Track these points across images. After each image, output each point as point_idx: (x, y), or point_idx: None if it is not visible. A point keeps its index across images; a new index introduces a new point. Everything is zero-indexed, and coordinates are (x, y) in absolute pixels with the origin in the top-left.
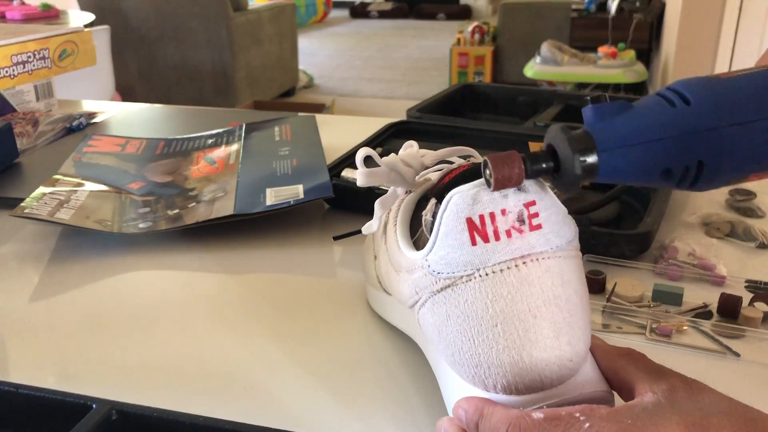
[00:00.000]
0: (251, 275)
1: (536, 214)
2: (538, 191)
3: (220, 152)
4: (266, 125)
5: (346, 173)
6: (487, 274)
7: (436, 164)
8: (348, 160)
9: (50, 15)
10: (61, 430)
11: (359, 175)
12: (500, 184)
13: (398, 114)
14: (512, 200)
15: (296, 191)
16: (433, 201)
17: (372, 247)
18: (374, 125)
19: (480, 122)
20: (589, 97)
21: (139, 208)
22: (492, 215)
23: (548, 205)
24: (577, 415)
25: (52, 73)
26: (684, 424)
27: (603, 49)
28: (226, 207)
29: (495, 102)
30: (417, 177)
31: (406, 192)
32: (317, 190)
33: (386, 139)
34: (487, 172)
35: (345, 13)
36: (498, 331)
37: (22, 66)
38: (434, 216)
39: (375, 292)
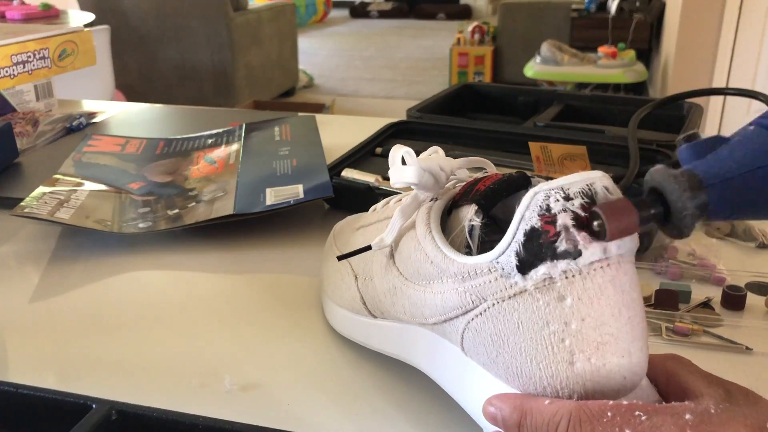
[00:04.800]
0: (251, 275)
1: None
2: (618, 191)
3: (220, 152)
4: (266, 125)
5: (346, 173)
6: (573, 276)
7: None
8: (348, 159)
9: (50, 15)
10: (61, 430)
11: (395, 175)
12: (615, 235)
13: (398, 114)
14: (601, 202)
15: (296, 191)
16: (474, 207)
17: (347, 266)
18: (374, 125)
19: (480, 122)
20: (682, 137)
21: (139, 208)
22: (578, 215)
23: None
24: (638, 413)
25: (52, 72)
26: (750, 427)
27: (603, 49)
28: (225, 207)
29: (495, 102)
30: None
31: (432, 200)
32: (317, 190)
33: (386, 139)
34: (596, 222)
35: (345, 13)
36: (581, 336)
37: (22, 66)
38: (477, 221)
39: (350, 315)
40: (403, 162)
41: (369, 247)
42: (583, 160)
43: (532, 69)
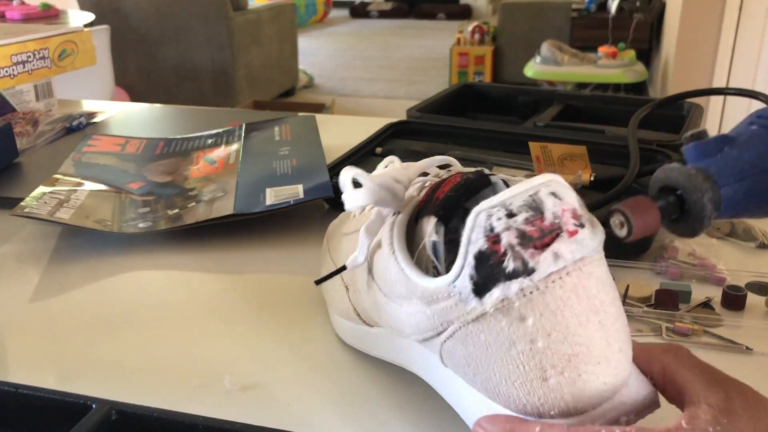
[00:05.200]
0: (251, 275)
1: (574, 218)
2: (568, 193)
3: (219, 152)
4: (266, 125)
5: None
6: (531, 292)
7: (417, 176)
8: (348, 160)
9: (50, 15)
10: (61, 430)
11: (348, 199)
12: (640, 233)
13: (398, 114)
14: (549, 211)
15: (296, 191)
16: (433, 220)
17: (338, 277)
18: (374, 125)
19: (480, 122)
20: (689, 134)
21: (139, 207)
22: (523, 230)
23: (580, 207)
24: None
25: (52, 72)
26: None
27: (603, 49)
28: (225, 207)
29: (495, 102)
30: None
31: (394, 214)
32: (317, 190)
33: (386, 139)
34: (617, 221)
35: (345, 13)
36: (550, 352)
37: (21, 66)
38: (437, 236)
39: (349, 325)
40: (357, 184)
41: (344, 268)
42: (583, 160)
43: (532, 69)
